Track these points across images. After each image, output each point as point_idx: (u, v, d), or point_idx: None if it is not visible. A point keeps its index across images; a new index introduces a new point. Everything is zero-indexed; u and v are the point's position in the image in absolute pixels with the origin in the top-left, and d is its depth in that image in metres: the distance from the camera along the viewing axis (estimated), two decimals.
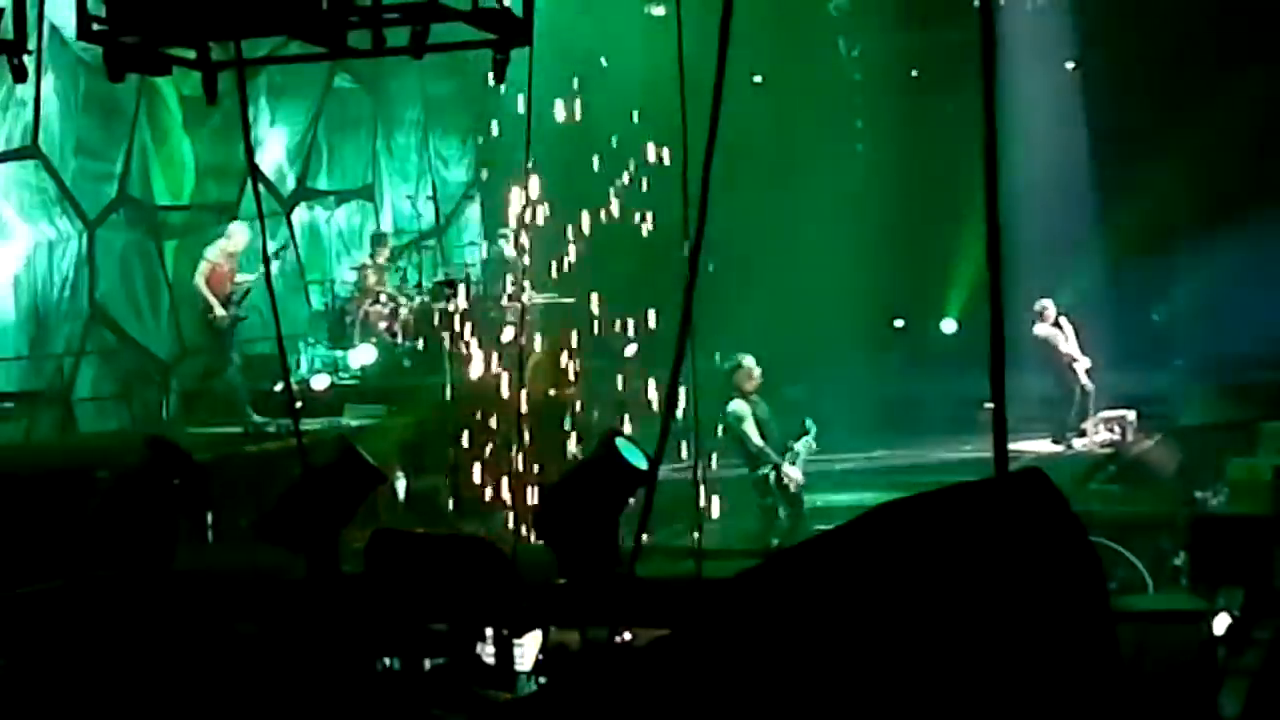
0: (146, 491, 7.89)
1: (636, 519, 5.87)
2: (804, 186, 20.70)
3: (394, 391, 16.12)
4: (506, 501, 12.98)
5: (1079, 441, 17.16)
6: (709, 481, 11.31)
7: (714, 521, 12.23)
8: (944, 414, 18.40)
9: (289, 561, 7.70)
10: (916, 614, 3.03)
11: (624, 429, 11.27)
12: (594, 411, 15.70)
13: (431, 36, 6.33)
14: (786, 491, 13.11)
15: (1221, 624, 7.25)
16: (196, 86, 7.03)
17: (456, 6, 6.33)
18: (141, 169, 16.56)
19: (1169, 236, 20.97)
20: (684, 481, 10.96)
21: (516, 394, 12.13)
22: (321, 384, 16.35)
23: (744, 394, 13.24)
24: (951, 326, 21.76)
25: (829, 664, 3.04)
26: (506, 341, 15.21)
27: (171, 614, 7.33)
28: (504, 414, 13.56)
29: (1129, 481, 15.24)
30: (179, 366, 16.79)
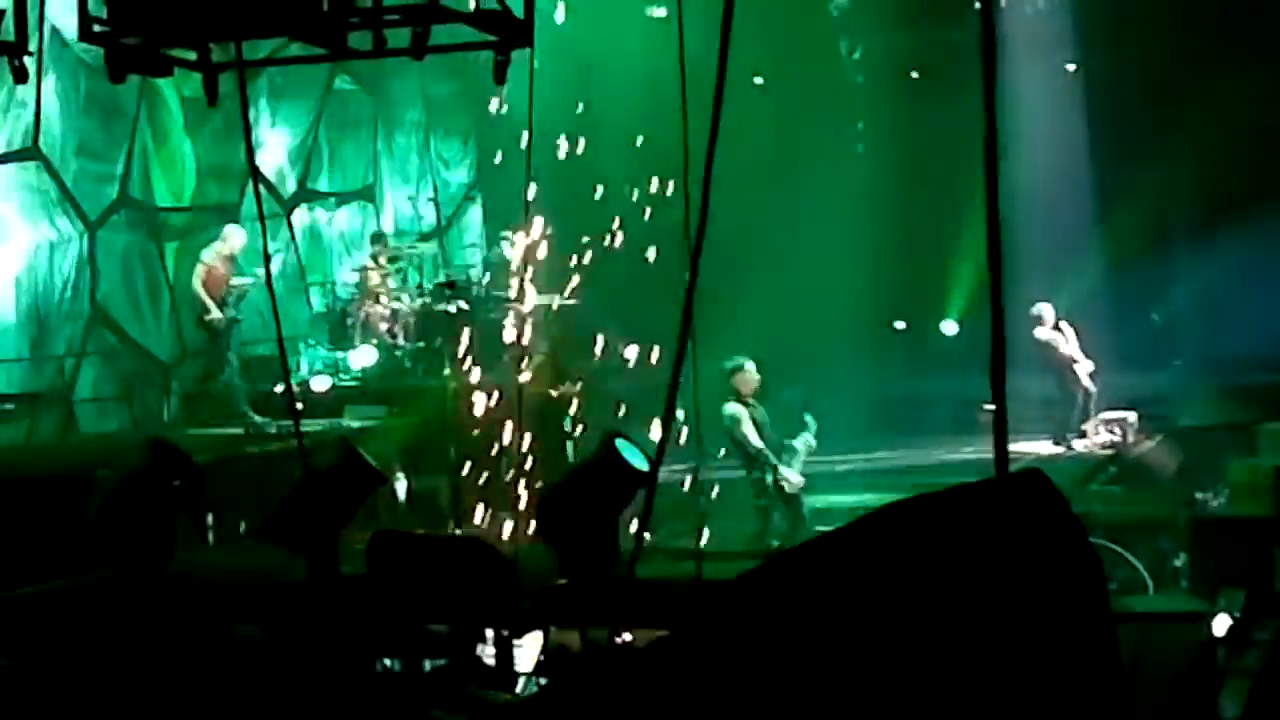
0: (147, 493, 7.89)
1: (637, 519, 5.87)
2: (805, 187, 20.68)
3: (395, 393, 16.10)
4: (507, 503, 12.96)
5: (1079, 443, 17.13)
6: (708, 483, 11.31)
7: (713, 523, 12.22)
8: (944, 415, 18.39)
9: (289, 563, 7.71)
10: (917, 616, 3.03)
11: (623, 431, 11.24)
12: (594, 412, 15.69)
13: (432, 38, 6.34)
14: (783, 494, 13.09)
15: (1222, 625, 7.25)
16: (197, 88, 7.04)
17: (457, 8, 6.35)
18: (142, 170, 16.56)
19: (1169, 237, 20.97)
20: (682, 483, 10.99)
21: (517, 394, 12.12)
22: (322, 385, 16.35)
23: (741, 397, 13.22)
24: (952, 328, 21.72)
25: (830, 665, 3.04)
26: (508, 343, 15.19)
27: (171, 615, 7.33)
28: (504, 415, 13.54)
29: (1129, 483, 15.21)
30: (180, 368, 16.79)
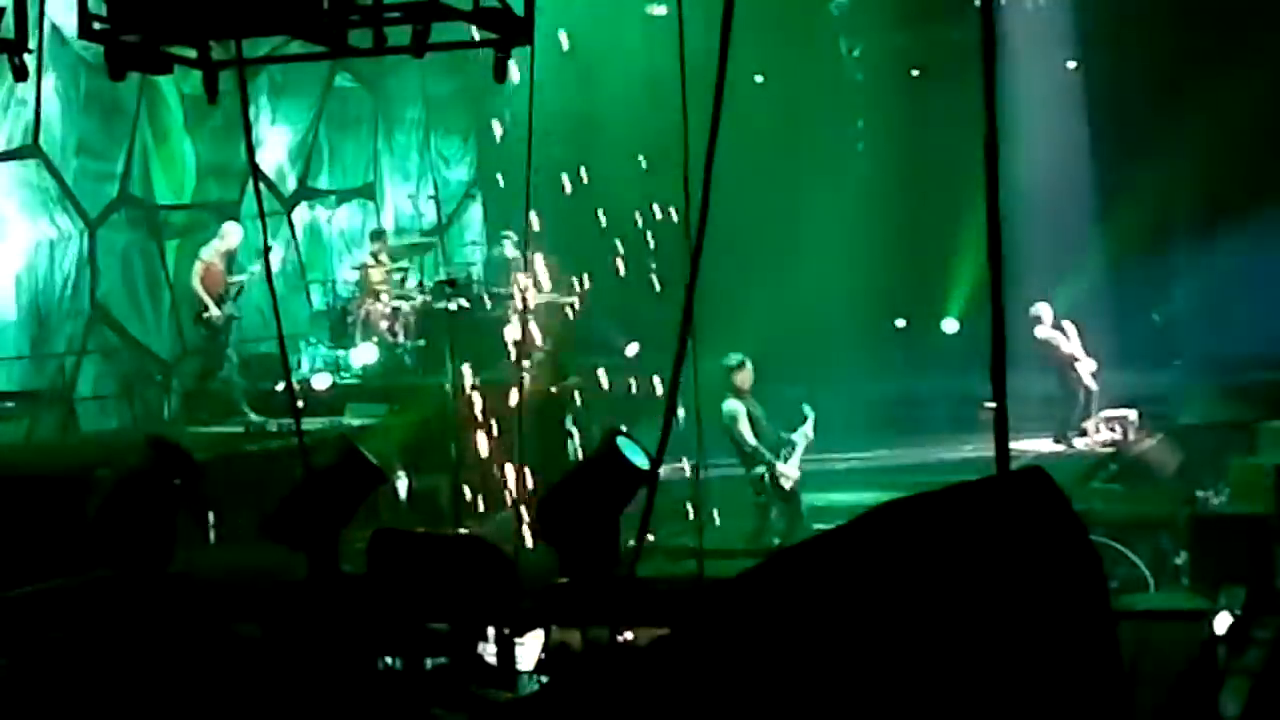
0: (147, 491, 7.89)
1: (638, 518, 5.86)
2: (805, 185, 20.68)
3: (395, 391, 16.10)
4: (508, 501, 12.96)
5: (1080, 441, 17.13)
6: (708, 481, 11.29)
7: (712, 521, 12.22)
8: (945, 413, 18.39)
9: (290, 561, 7.70)
10: (918, 613, 3.03)
11: (625, 429, 11.24)
12: (595, 411, 15.69)
13: (432, 35, 6.34)
14: (781, 490, 13.08)
15: (1222, 623, 7.26)
16: (198, 85, 7.04)
17: (457, 6, 6.34)
18: (142, 168, 16.55)
19: (1170, 236, 20.98)
20: (683, 481, 10.97)
21: (518, 393, 12.10)
22: (323, 383, 16.34)
23: (739, 393, 13.20)
24: (953, 326, 21.72)
25: (830, 664, 3.04)
26: (508, 341, 15.18)
27: (172, 614, 7.33)
28: (505, 414, 13.53)
29: (1130, 481, 15.21)
30: (180, 366, 16.78)
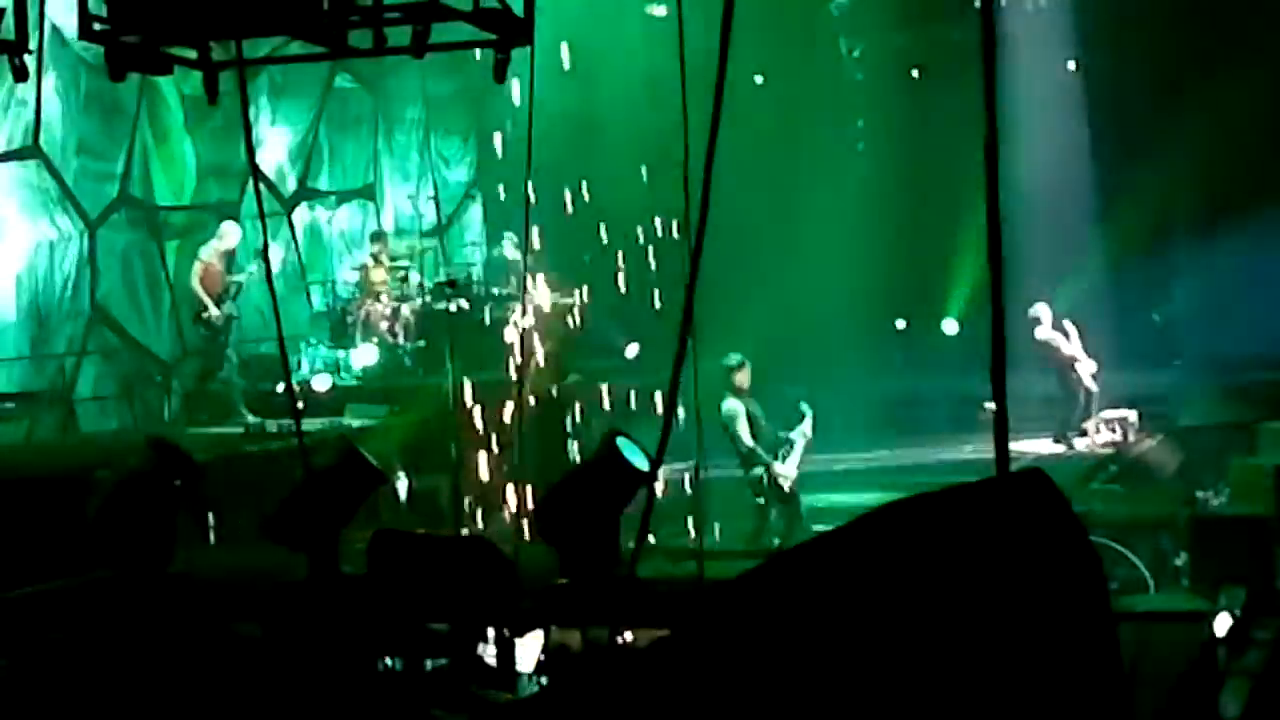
0: (148, 492, 7.88)
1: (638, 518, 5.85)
2: (805, 186, 20.68)
3: (395, 392, 16.10)
4: (508, 502, 12.95)
5: (1080, 442, 17.13)
6: (707, 482, 11.29)
7: (711, 522, 12.21)
8: (945, 414, 18.41)
9: (290, 562, 7.70)
10: (918, 615, 3.03)
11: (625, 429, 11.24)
12: (595, 411, 15.68)
13: (432, 36, 6.34)
14: (780, 491, 13.05)
15: (1222, 624, 7.25)
16: (198, 86, 7.04)
17: (457, 6, 6.34)
18: (143, 169, 16.56)
19: (1170, 236, 20.98)
20: (683, 482, 10.97)
21: (518, 394, 12.10)
22: (323, 384, 16.34)
23: (738, 393, 13.17)
24: (953, 327, 21.72)
25: (830, 665, 3.04)
26: (508, 341, 15.18)
27: (172, 614, 7.33)
28: (505, 415, 13.53)
29: (1130, 482, 15.20)
30: (180, 367, 16.79)
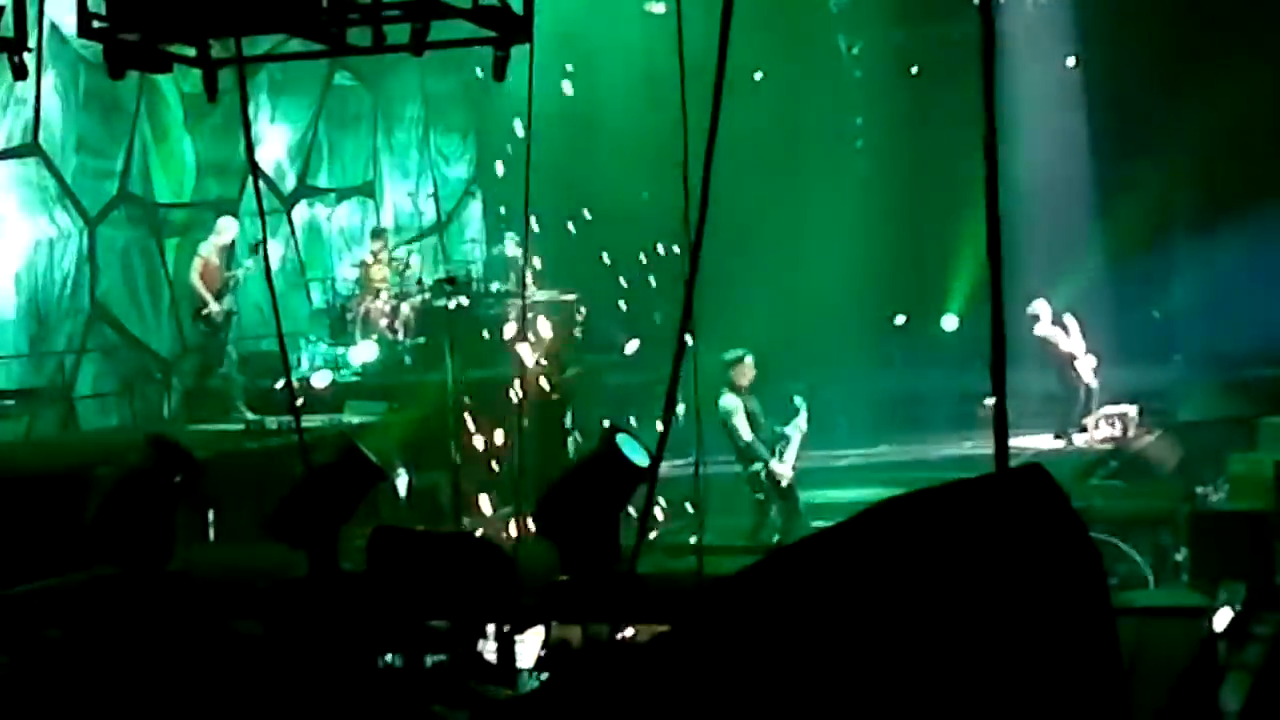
0: (147, 489, 7.88)
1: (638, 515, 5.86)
2: (805, 183, 20.69)
3: (395, 388, 16.10)
4: (508, 498, 12.95)
5: (1080, 437, 17.13)
6: (706, 477, 11.27)
7: (710, 518, 12.19)
8: (945, 410, 18.41)
9: (290, 559, 7.70)
10: (917, 610, 3.03)
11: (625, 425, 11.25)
12: (595, 408, 15.68)
13: (432, 33, 6.33)
14: (778, 487, 13.04)
15: (1222, 619, 7.25)
16: (197, 83, 7.04)
17: (456, 4, 6.34)
18: (142, 166, 16.56)
19: (1169, 232, 20.98)
20: (683, 478, 10.96)
21: (518, 390, 12.10)
22: (323, 381, 16.34)
23: (737, 388, 13.15)
24: (952, 323, 21.73)
25: (830, 661, 3.04)
26: (508, 338, 15.18)
27: (172, 611, 7.33)
28: (505, 411, 13.53)
29: (1130, 477, 15.21)
30: (180, 364, 16.79)
